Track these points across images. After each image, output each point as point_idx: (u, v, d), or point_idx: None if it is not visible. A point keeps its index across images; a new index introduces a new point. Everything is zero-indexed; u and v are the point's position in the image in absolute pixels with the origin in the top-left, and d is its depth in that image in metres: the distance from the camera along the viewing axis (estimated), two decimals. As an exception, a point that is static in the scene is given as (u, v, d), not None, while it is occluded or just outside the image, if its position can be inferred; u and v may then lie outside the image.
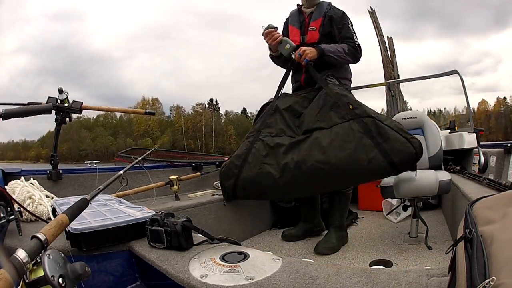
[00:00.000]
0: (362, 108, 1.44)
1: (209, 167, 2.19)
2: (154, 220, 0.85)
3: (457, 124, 3.00)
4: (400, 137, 1.35)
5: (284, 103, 1.61)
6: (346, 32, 1.67)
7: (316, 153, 1.39)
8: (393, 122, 1.42)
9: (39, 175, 1.46)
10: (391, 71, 10.79)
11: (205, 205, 1.63)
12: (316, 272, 0.63)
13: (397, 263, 1.37)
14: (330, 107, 1.49)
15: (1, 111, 0.94)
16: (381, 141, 1.35)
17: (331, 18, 1.68)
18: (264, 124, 1.58)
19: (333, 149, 1.37)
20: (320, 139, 1.41)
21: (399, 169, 1.40)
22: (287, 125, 1.55)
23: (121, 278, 0.89)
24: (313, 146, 1.41)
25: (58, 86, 1.47)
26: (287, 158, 1.42)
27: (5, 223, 0.87)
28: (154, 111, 2.05)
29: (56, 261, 0.46)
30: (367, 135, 1.37)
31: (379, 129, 1.37)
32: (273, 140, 1.50)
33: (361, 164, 1.35)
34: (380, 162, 1.34)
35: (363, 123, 1.39)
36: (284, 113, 1.58)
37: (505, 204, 0.48)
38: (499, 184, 1.34)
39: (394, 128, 1.37)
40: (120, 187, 1.45)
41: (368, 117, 1.40)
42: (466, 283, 0.36)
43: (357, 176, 1.43)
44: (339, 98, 1.49)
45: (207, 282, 0.63)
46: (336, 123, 1.44)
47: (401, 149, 1.34)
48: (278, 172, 1.43)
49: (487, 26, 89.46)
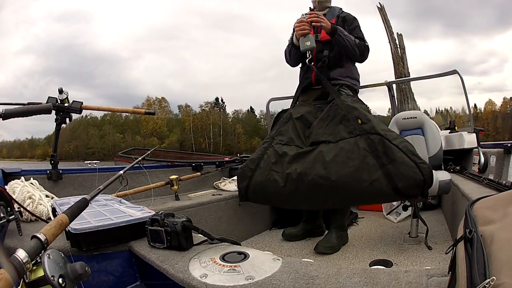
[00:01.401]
0: (371, 123, 1.36)
1: (209, 167, 2.19)
2: (154, 220, 0.85)
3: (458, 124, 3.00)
4: (408, 161, 1.25)
5: (297, 112, 1.61)
6: (357, 33, 1.69)
7: (319, 167, 1.35)
8: (403, 143, 1.31)
9: (39, 175, 1.46)
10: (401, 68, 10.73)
11: (205, 205, 1.63)
12: (316, 272, 0.63)
13: (397, 263, 1.37)
14: (340, 120, 1.45)
15: (1, 111, 0.94)
16: (387, 163, 1.27)
17: (344, 19, 1.71)
18: (278, 131, 1.59)
19: (335, 165, 1.32)
20: (325, 153, 1.37)
21: (403, 195, 1.32)
22: (297, 135, 1.54)
23: (121, 278, 0.89)
24: (317, 160, 1.37)
25: (64, 86, 1.47)
26: (291, 168, 1.41)
27: (5, 223, 0.87)
28: (154, 111, 2.05)
29: (56, 261, 0.46)
30: (373, 154, 1.29)
31: (386, 148, 1.28)
32: (282, 149, 1.50)
33: (362, 185, 1.28)
34: (383, 185, 1.26)
35: (370, 141, 1.31)
36: (296, 122, 1.57)
37: (505, 204, 0.48)
38: (499, 184, 1.34)
39: (402, 149, 1.27)
40: (120, 187, 1.45)
41: (376, 134, 1.32)
42: (466, 283, 0.36)
43: (357, 197, 1.36)
44: (349, 111, 1.43)
45: (207, 282, 0.63)
46: (343, 137, 1.39)
47: (408, 174, 1.24)
48: (283, 181, 1.41)
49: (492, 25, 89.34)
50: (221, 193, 1.86)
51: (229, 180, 2.06)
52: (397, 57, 10.88)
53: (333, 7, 1.79)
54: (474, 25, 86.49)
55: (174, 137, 50.53)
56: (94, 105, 1.65)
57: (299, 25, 1.62)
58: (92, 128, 51.28)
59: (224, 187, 1.99)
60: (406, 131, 2.00)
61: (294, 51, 1.76)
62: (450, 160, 2.33)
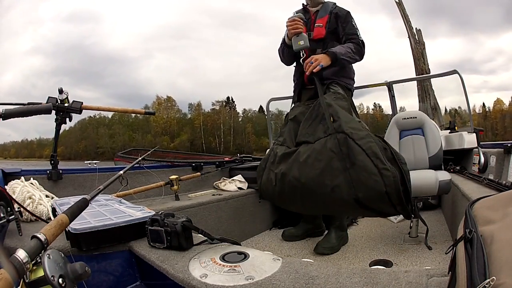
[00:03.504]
0: (340, 121, 1.25)
1: (209, 167, 2.19)
2: (154, 220, 0.85)
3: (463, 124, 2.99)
4: (370, 165, 1.07)
5: (292, 113, 1.65)
6: (350, 29, 1.68)
7: (295, 168, 1.33)
8: (369, 143, 1.12)
9: (39, 175, 1.46)
10: (422, 64, 10.63)
11: (205, 205, 1.63)
12: (316, 272, 0.63)
13: (397, 263, 1.37)
14: (320, 120, 1.41)
15: (1, 111, 0.94)
16: (349, 166, 1.13)
17: (337, 15, 1.70)
18: (280, 132, 1.66)
19: (306, 166, 1.27)
20: (301, 154, 1.34)
21: (367, 208, 1.14)
22: (290, 135, 1.57)
23: (121, 278, 0.89)
24: (295, 161, 1.35)
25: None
26: (278, 168, 1.44)
27: (5, 223, 0.87)
28: (154, 111, 2.05)
29: (56, 261, 0.46)
30: (337, 156, 1.17)
31: (349, 149, 1.13)
32: (277, 149, 1.54)
33: (324, 190, 1.18)
34: (343, 193, 1.13)
35: (336, 141, 1.20)
36: (290, 123, 1.61)
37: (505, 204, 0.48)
38: (499, 184, 1.34)
39: (366, 150, 1.09)
40: (120, 187, 1.45)
41: (342, 133, 1.19)
42: (466, 283, 0.36)
43: (322, 203, 1.26)
44: (325, 109, 1.37)
45: (207, 282, 0.63)
46: (319, 137, 1.33)
47: (367, 183, 1.07)
48: (274, 180, 1.45)
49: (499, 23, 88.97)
50: (221, 193, 1.86)
51: (229, 180, 2.06)
52: (417, 53, 10.77)
53: (327, 3, 1.78)
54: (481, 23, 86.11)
55: (184, 136, 50.54)
56: (94, 105, 1.65)
57: (291, 23, 1.59)
58: (102, 127, 51.31)
59: (224, 187, 1.99)
60: (406, 131, 2.01)
61: (287, 51, 1.74)
62: (450, 160, 2.32)
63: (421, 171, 1.76)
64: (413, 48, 10.85)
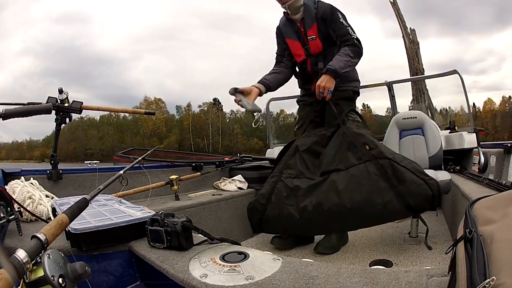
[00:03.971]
0: (379, 149, 1.42)
1: (209, 167, 2.19)
2: (154, 220, 0.85)
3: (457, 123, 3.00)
4: (417, 179, 1.33)
5: (303, 144, 1.62)
6: (341, 29, 1.61)
7: (333, 196, 1.39)
8: (411, 163, 1.39)
9: (39, 175, 1.46)
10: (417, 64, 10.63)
11: (205, 205, 1.63)
12: (316, 272, 0.63)
13: (397, 263, 1.37)
14: (348, 147, 1.48)
15: (1, 111, 0.94)
16: (397, 184, 1.34)
17: (323, 19, 1.63)
18: (286, 165, 1.59)
19: (348, 192, 1.37)
20: (337, 182, 1.41)
21: (416, 211, 1.40)
22: (306, 167, 1.56)
23: (121, 278, 0.89)
24: (330, 189, 1.41)
25: (64, 87, 1.47)
26: (306, 201, 1.43)
27: (5, 223, 0.87)
28: (154, 111, 2.05)
29: (56, 261, 0.46)
30: (383, 178, 1.35)
31: (395, 171, 1.35)
32: (293, 182, 1.52)
33: (376, 208, 1.34)
34: (396, 205, 1.33)
35: (379, 165, 1.38)
36: (303, 155, 1.58)
37: (505, 204, 0.48)
38: (499, 184, 1.34)
39: (411, 169, 1.35)
40: (120, 187, 1.45)
41: (384, 158, 1.39)
42: (466, 283, 0.36)
43: (374, 219, 1.43)
44: (356, 138, 1.48)
45: (207, 282, 0.63)
46: (353, 164, 1.44)
47: (418, 191, 1.32)
48: (298, 213, 1.44)
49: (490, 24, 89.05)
50: (221, 193, 1.86)
51: (229, 180, 2.06)
52: (412, 53, 10.77)
53: (306, 5, 1.65)
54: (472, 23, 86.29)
55: (173, 137, 50.45)
56: (94, 105, 1.65)
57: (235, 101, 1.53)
58: (91, 129, 51.18)
59: (224, 187, 1.99)
60: (406, 131, 2.01)
61: None
62: (450, 160, 2.32)
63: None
64: (408, 48, 10.84)
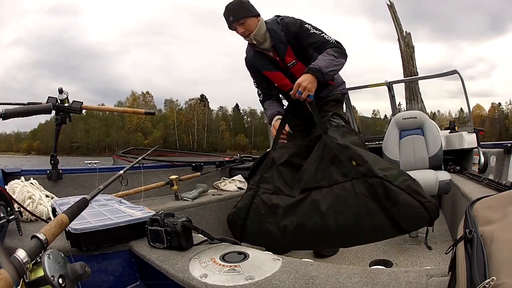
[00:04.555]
0: (368, 165, 1.20)
1: (209, 167, 2.19)
2: (154, 220, 0.85)
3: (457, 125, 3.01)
4: (413, 201, 1.14)
5: (280, 157, 1.41)
6: (315, 38, 1.46)
7: (315, 217, 1.22)
8: (406, 181, 1.17)
9: (39, 175, 1.46)
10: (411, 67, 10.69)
11: (205, 205, 1.63)
12: (316, 272, 0.63)
13: (397, 263, 1.37)
14: (331, 161, 1.28)
15: (1, 111, 0.94)
16: (389, 206, 1.15)
17: (294, 37, 1.49)
18: (262, 178, 1.41)
19: (333, 214, 1.19)
20: (319, 202, 1.22)
21: (407, 232, 1.28)
22: (284, 182, 1.36)
23: (121, 278, 0.89)
24: (312, 210, 1.24)
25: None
26: (286, 220, 1.27)
27: (5, 223, 0.87)
28: (154, 111, 2.05)
29: (56, 261, 0.46)
30: (373, 199, 1.16)
31: (387, 192, 1.15)
32: (270, 199, 1.34)
33: (364, 231, 1.19)
34: (386, 227, 1.17)
35: (368, 184, 1.18)
36: (281, 169, 1.39)
37: (505, 204, 0.48)
38: (499, 184, 1.34)
39: (406, 189, 1.15)
40: (120, 187, 1.45)
41: (375, 177, 1.17)
42: (466, 283, 0.36)
43: (362, 241, 1.30)
44: (341, 151, 1.26)
45: (207, 282, 0.63)
46: (337, 181, 1.23)
47: (414, 215, 1.14)
48: (279, 232, 1.28)
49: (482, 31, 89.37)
50: (221, 193, 1.86)
51: (229, 180, 2.06)
52: (407, 56, 10.83)
53: (271, 29, 1.50)
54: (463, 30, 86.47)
55: (158, 133, 50.21)
56: (94, 105, 1.66)
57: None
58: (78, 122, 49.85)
59: (224, 187, 1.99)
60: (406, 131, 2.01)
61: None
62: (450, 160, 2.33)
63: (421, 171, 1.76)
64: (403, 51, 10.92)
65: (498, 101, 50.78)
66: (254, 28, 1.48)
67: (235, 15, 1.47)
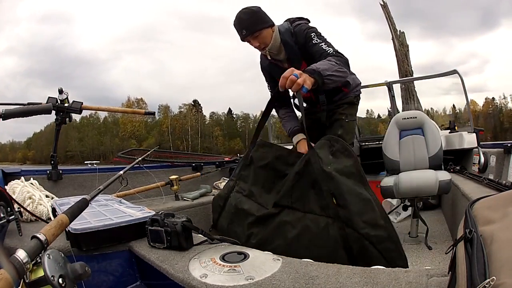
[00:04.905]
0: (349, 211, 0.99)
1: (209, 167, 2.19)
2: (154, 220, 0.85)
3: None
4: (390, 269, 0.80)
5: (261, 159, 1.27)
6: (315, 48, 1.37)
7: (280, 240, 1.09)
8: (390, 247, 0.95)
9: (39, 175, 1.46)
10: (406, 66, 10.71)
11: (205, 205, 1.63)
12: (316, 272, 0.63)
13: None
14: (311, 184, 1.09)
15: (1, 111, 0.94)
16: (362, 264, 0.87)
17: (303, 47, 1.42)
18: (239, 175, 1.31)
19: (298, 245, 1.06)
20: (287, 226, 1.09)
21: None
22: (261, 187, 1.24)
23: (121, 278, 0.89)
24: (279, 231, 1.10)
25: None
26: (253, 229, 1.16)
27: (5, 223, 0.88)
28: (154, 111, 2.06)
29: (56, 261, 0.46)
30: (345, 250, 0.99)
31: (364, 251, 0.96)
32: (241, 203, 1.23)
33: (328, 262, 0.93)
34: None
35: (344, 233, 0.99)
36: (258, 172, 1.26)
37: (505, 204, 0.48)
38: (499, 184, 1.34)
39: (387, 258, 0.94)
40: (120, 187, 1.45)
41: (353, 230, 0.98)
42: (466, 283, 0.36)
43: None
44: (324, 179, 1.06)
45: (207, 282, 0.63)
46: (312, 211, 1.07)
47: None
48: (244, 237, 1.18)
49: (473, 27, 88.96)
50: (221, 193, 1.86)
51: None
52: (401, 55, 10.86)
53: (285, 41, 1.42)
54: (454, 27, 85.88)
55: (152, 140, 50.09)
56: (94, 106, 1.66)
57: None
58: (72, 130, 49.80)
59: (224, 187, 1.99)
60: (406, 131, 2.01)
61: None
62: (450, 160, 2.33)
63: (421, 171, 1.76)
64: (397, 50, 10.95)
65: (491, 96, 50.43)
66: (270, 39, 1.39)
67: (247, 27, 1.35)
